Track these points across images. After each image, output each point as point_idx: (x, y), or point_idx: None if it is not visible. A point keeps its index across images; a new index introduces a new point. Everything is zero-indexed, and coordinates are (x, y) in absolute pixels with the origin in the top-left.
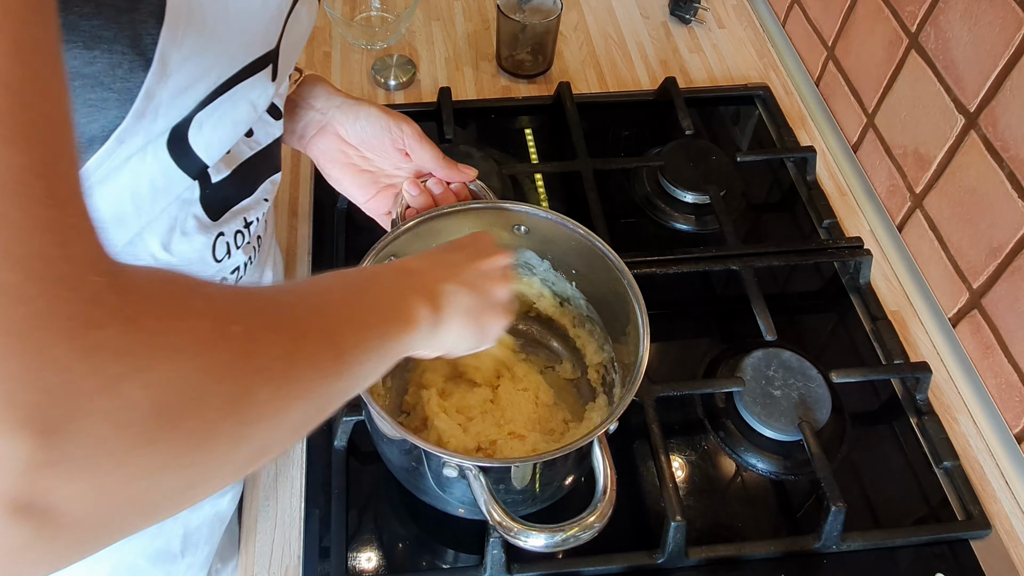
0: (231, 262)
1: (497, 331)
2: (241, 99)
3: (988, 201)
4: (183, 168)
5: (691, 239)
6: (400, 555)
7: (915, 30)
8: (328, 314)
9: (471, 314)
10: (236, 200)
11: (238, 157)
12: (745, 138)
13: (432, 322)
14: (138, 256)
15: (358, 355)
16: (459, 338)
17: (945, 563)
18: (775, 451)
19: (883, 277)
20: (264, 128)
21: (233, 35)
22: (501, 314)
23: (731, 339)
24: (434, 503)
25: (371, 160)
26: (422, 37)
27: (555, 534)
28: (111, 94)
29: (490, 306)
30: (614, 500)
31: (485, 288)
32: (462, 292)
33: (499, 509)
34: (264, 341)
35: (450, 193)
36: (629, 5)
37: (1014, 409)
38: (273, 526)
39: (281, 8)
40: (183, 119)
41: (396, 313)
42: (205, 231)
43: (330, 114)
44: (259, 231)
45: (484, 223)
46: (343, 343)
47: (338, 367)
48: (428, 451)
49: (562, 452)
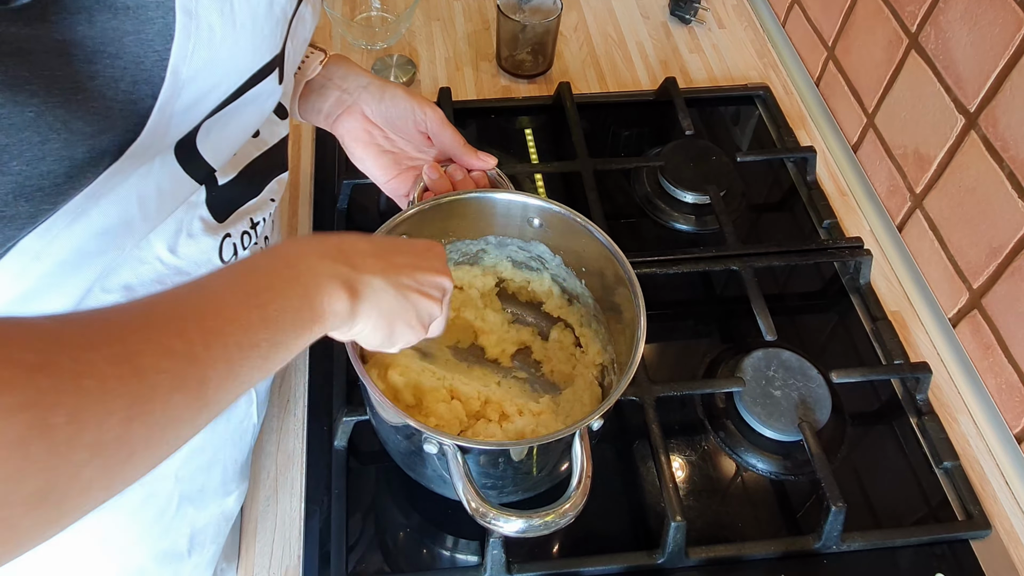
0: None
1: (406, 342)
2: (249, 104)
3: (988, 201)
4: (190, 173)
5: (691, 239)
6: (401, 556)
7: (915, 30)
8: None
9: (386, 316)
10: (242, 201)
11: (245, 158)
12: (745, 138)
13: (348, 312)
14: (144, 260)
15: (237, 371)
16: (367, 334)
17: (945, 563)
18: (775, 451)
19: (883, 277)
20: (270, 128)
21: (241, 44)
22: (415, 329)
23: (731, 339)
24: (433, 487)
25: (394, 141)
26: (422, 37)
27: (532, 519)
28: (115, 105)
29: (410, 316)
30: (588, 490)
31: (411, 298)
32: (387, 292)
33: (475, 494)
34: (97, 415)
35: (469, 179)
36: (629, 5)
37: (1014, 409)
38: (273, 527)
39: (286, 11)
40: (192, 128)
41: (304, 305)
42: (211, 233)
43: (356, 94)
44: (266, 232)
45: (498, 212)
46: (213, 369)
47: (199, 402)
48: (414, 426)
49: (544, 440)
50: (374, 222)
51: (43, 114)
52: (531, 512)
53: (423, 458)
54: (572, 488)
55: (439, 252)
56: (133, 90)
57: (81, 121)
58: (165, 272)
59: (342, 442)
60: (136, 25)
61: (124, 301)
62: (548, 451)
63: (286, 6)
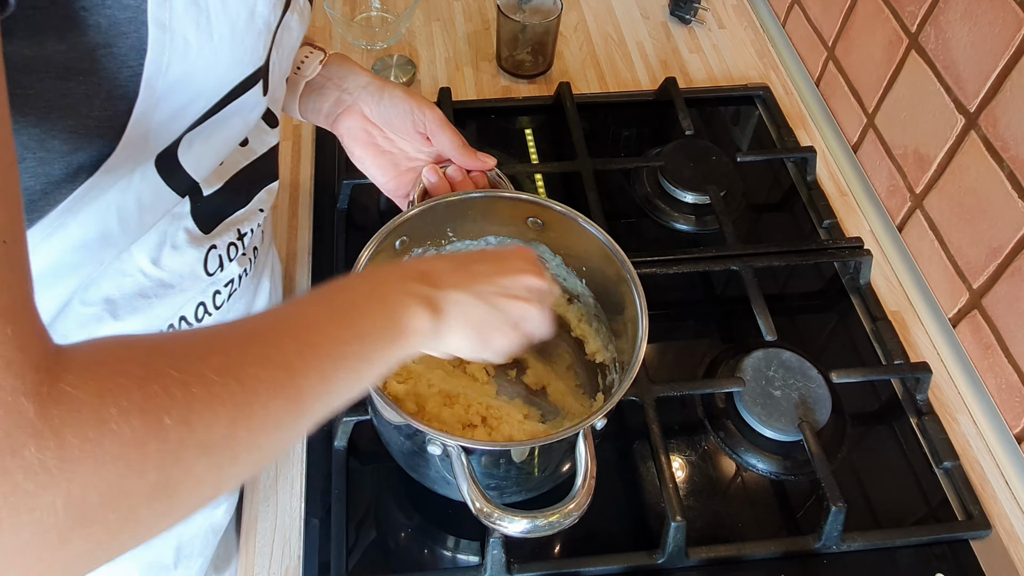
0: (224, 275)
1: (504, 348)
2: (232, 116)
3: (988, 201)
4: (172, 187)
5: (691, 239)
6: (401, 556)
7: (915, 30)
8: (296, 344)
9: (476, 327)
10: (229, 211)
11: (231, 168)
12: (745, 138)
13: (433, 329)
14: (126, 272)
15: (330, 381)
16: (461, 346)
17: (945, 563)
18: (775, 451)
19: (883, 277)
20: (260, 136)
21: (220, 57)
22: (513, 334)
23: (731, 339)
24: (436, 488)
25: (394, 141)
26: (422, 37)
27: (536, 519)
28: (90, 121)
29: (502, 323)
30: (592, 490)
31: (500, 304)
32: (472, 303)
33: (479, 495)
34: (205, 418)
35: (468, 180)
36: (629, 5)
37: (1014, 409)
38: (273, 527)
39: (269, 23)
40: (173, 141)
41: (390, 323)
42: (196, 244)
43: (356, 94)
44: (255, 242)
45: (498, 212)
46: (308, 378)
47: (297, 408)
48: (417, 427)
49: (548, 440)
50: (374, 222)
51: (17, 133)
52: (536, 512)
53: (426, 459)
54: (577, 488)
55: (525, 254)
56: (108, 106)
57: (56, 139)
58: (148, 284)
59: (342, 442)
60: (109, 39)
61: (107, 314)
62: (550, 451)
63: (269, 17)
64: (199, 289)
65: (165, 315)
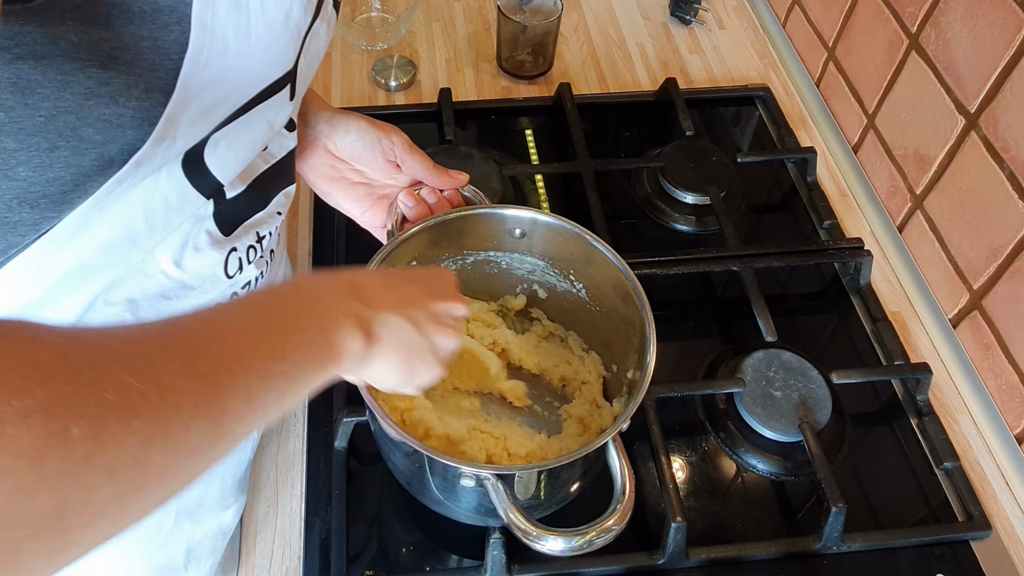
0: (243, 277)
1: (426, 380)
2: (259, 119)
3: (988, 202)
4: (198, 188)
5: (691, 240)
6: (401, 557)
7: (915, 31)
8: (223, 354)
9: (404, 354)
10: (249, 214)
11: (253, 172)
12: (745, 139)
13: (363, 354)
14: (148, 273)
15: (255, 402)
16: (385, 375)
17: (945, 564)
18: (775, 452)
19: (883, 278)
20: (279, 141)
21: (255, 58)
22: (435, 364)
23: (731, 340)
24: (437, 508)
25: (363, 173)
26: (422, 38)
27: (574, 538)
28: (126, 111)
29: (427, 352)
30: (633, 502)
31: (429, 332)
32: (404, 328)
33: (520, 515)
34: (116, 434)
35: (444, 201)
36: (629, 6)
37: (1014, 410)
38: (274, 527)
39: (300, 28)
40: (200, 140)
41: (322, 341)
42: (218, 247)
43: (318, 128)
44: (272, 245)
45: (480, 228)
46: (235, 397)
47: (218, 431)
48: (445, 463)
49: (579, 455)
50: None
51: (53, 119)
52: (574, 531)
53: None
54: (616, 500)
55: (448, 276)
56: (145, 98)
57: (91, 128)
58: (170, 286)
59: (342, 443)
60: (153, 31)
61: (128, 315)
62: (573, 464)
63: (300, 22)
64: (219, 291)
65: None
